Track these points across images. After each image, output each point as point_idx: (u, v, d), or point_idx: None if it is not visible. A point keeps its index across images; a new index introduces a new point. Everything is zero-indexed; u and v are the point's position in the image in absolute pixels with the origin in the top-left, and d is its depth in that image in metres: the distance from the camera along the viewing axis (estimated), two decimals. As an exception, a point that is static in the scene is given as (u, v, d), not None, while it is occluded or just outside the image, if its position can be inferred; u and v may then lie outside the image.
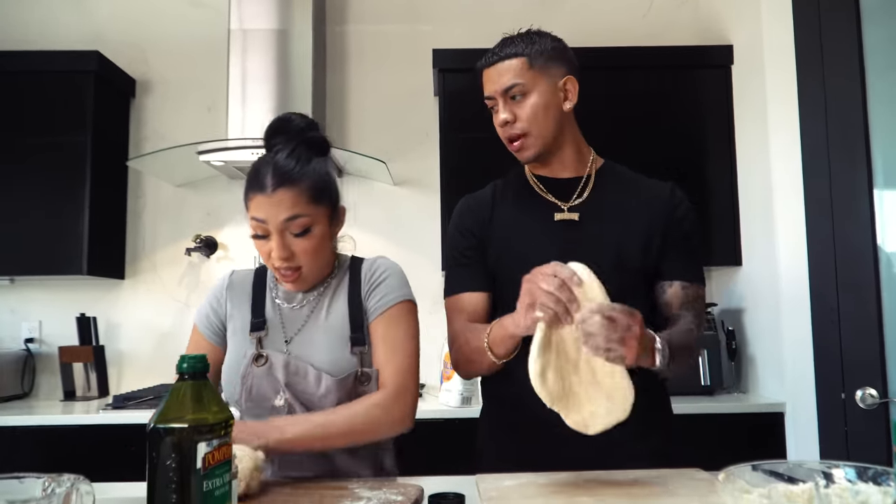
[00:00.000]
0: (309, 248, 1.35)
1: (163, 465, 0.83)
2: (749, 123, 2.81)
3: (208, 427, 0.85)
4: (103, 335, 3.11)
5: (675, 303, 1.47)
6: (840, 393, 2.10)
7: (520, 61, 1.43)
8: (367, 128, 3.26)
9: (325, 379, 1.36)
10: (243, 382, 1.39)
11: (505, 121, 1.44)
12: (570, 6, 3.28)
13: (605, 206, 1.49)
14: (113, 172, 3.11)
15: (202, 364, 0.88)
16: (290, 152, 1.36)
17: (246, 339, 1.43)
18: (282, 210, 1.31)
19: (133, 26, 3.28)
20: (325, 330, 1.42)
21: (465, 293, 1.51)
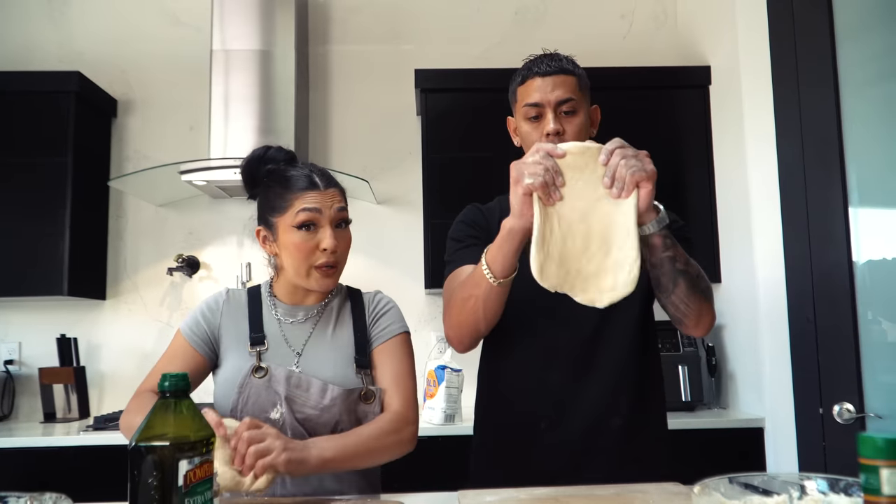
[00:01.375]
0: (345, 245, 1.46)
1: (144, 483, 0.83)
2: (727, 143, 2.87)
3: (190, 445, 0.85)
4: (84, 356, 3.08)
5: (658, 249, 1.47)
6: (818, 408, 2.12)
7: (573, 79, 1.49)
8: (349, 147, 3.28)
9: (332, 389, 1.39)
10: (240, 392, 1.40)
11: (556, 131, 1.45)
12: (551, 28, 3.33)
13: None
14: (94, 192, 3.10)
15: (184, 382, 0.88)
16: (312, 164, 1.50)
17: (244, 354, 1.45)
18: (334, 202, 1.43)
19: (114, 46, 3.29)
20: (331, 346, 1.47)
21: (467, 265, 1.49)
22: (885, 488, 0.60)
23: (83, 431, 2.58)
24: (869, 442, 0.61)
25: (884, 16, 2.08)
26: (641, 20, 3.39)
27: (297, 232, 1.40)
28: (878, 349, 2.01)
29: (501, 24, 3.33)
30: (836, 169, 2.10)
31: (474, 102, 2.94)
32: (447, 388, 2.58)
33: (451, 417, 2.59)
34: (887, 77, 2.06)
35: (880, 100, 2.09)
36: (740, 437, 2.58)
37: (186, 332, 1.48)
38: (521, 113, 1.51)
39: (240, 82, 2.96)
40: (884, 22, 2.07)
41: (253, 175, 1.50)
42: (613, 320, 1.48)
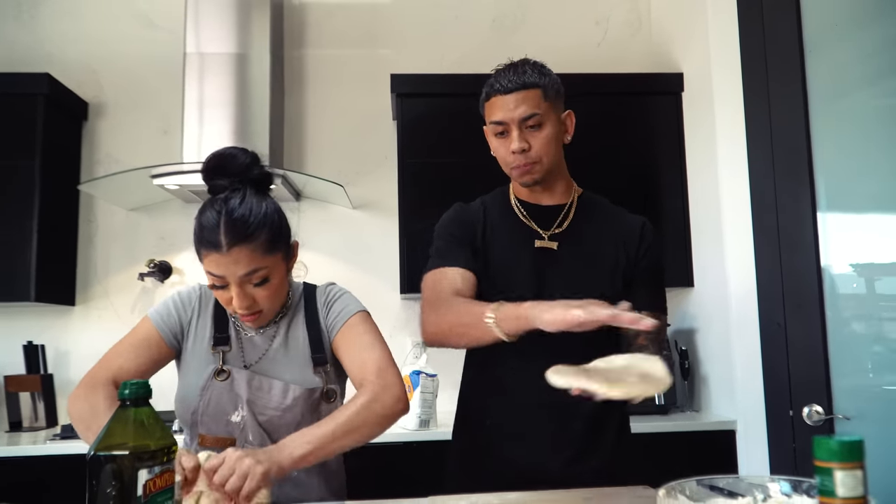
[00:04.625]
0: (269, 295, 1.36)
1: (103, 493, 0.82)
2: (699, 149, 2.90)
3: (150, 454, 0.84)
4: (52, 363, 3.02)
5: (642, 335, 1.51)
6: (788, 410, 2.14)
7: (536, 92, 1.47)
8: (325, 152, 3.27)
9: (293, 389, 1.39)
10: (202, 395, 1.38)
11: (521, 149, 1.45)
12: (526, 34, 3.35)
13: (582, 238, 1.55)
14: (64, 196, 3.05)
15: (144, 390, 0.87)
16: (240, 201, 1.33)
17: (207, 355, 1.43)
18: (239, 267, 1.30)
19: (86, 48, 3.24)
20: (287, 354, 1.45)
21: (454, 267, 1.48)
22: (839, 490, 0.61)
23: (50, 440, 2.52)
24: (823, 444, 0.61)
25: (851, 26, 2.12)
26: (616, 27, 3.42)
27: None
28: (846, 352, 2.04)
29: (479, 31, 3.33)
30: (804, 175, 2.13)
31: (450, 108, 2.94)
32: (422, 393, 2.57)
33: (425, 423, 2.57)
34: (855, 86, 2.09)
35: (848, 108, 2.12)
36: (713, 439, 2.60)
37: (157, 320, 1.44)
38: (489, 128, 1.53)
39: (214, 86, 2.93)
40: (851, 32, 2.11)
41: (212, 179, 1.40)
42: (576, 344, 1.44)
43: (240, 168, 1.37)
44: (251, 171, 1.39)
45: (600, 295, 1.46)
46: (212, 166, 1.38)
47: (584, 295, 1.44)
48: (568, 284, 1.48)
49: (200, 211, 1.34)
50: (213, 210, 1.32)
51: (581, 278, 1.50)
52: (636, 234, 1.56)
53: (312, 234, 3.20)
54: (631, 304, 1.26)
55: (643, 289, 1.55)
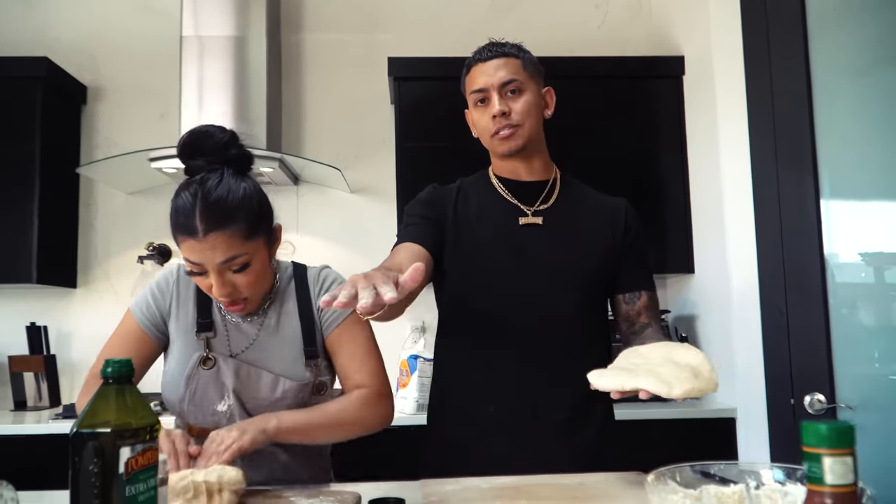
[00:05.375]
0: (250, 282, 1.30)
1: (85, 470, 0.82)
2: (700, 134, 2.87)
3: (132, 432, 0.83)
4: (55, 344, 3.04)
5: (644, 313, 1.54)
6: (790, 398, 2.13)
7: (516, 61, 1.49)
8: (323, 135, 3.25)
9: (283, 383, 1.36)
10: (188, 384, 1.36)
11: (501, 111, 1.46)
12: (525, 17, 3.31)
13: (569, 213, 1.54)
14: (63, 180, 3.05)
15: (127, 368, 0.86)
16: (217, 182, 1.26)
17: (192, 340, 1.39)
18: (217, 254, 1.24)
19: (83, 32, 3.23)
20: (277, 343, 1.40)
21: (406, 243, 1.45)
22: (827, 477, 0.59)
23: (53, 419, 2.55)
24: (811, 430, 0.59)
25: (855, 10, 2.09)
26: (616, 9, 3.37)
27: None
28: (849, 340, 2.03)
29: (476, 14, 3.30)
30: (807, 161, 2.11)
31: (448, 91, 2.88)
32: (420, 377, 2.57)
33: (423, 407, 2.57)
34: (859, 71, 2.07)
35: (852, 93, 2.09)
36: (712, 427, 2.59)
37: (137, 315, 1.42)
38: (470, 101, 1.53)
39: (212, 69, 2.91)
40: (855, 16, 2.08)
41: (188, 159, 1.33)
42: (561, 320, 1.48)
43: (216, 146, 1.30)
44: (229, 151, 1.32)
45: (581, 273, 1.49)
46: (187, 145, 1.31)
47: (569, 272, 1.48)
48: (551, 262, 1.48)
49: (176, 193, 1.27)
50: (189, 193, 1.25)
51: (566, 256, 1.49)
52: (621, 215, 1.56)
53: (311, 218, 3.20)
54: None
55: (633, 268, 1.56)
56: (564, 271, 1.48)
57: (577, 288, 1.49)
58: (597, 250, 1.51)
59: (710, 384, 1.08)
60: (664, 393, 1.05)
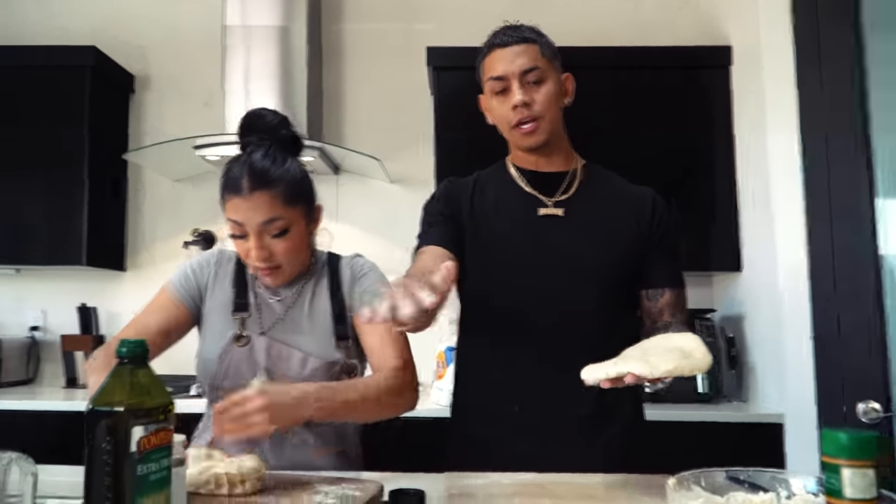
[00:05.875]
0: (287, 249, 1.36)
1: (98, 447, 0.82)
2: (748, 126, 2.77)
3: (145, 411, 0.84)
4: (104, 325, 3.15)
5: (667, 310, 1.48)
6: (841, 405, 2.04)
7: (535, 47, 1.43)
8: (363, 125, 3.26)
9: (312, 361, 1.39)
10: (220, 361, 1.39)
11: (523, 101, 1.40)
12: (567, 5, 3.24)
13: (591, 204, 1.47)
14: (112, 166, 3.15)
15: (142, 349, 0.87)
16: (265, 153, 1.36)
17: (227, 319, 1.43)
18: (259, 213, 1.31)
19: (131, 22, 3.31)
20: (308, 321, 1.44)
21: (429, 245, 1.44)
22: (846, 490, 0.53)
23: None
24: (831, 438, 0.54)
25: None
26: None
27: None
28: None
29: (517, 1, 3.24)
30: (861, 155, 2.02)
31: (488, 81, 2.88)
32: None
33: (458, 400, 2.55)
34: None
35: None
36: (759, 432, 2.50)
37: (175, 284, 1.46)
38: (487, 88, 1.47)
39: (256, 58, 2.94)
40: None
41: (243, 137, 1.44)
42: (583, 314, 1.43)
43: (268, 126, 1.41)
44: (278, 131, 1.41)
45: (605, 265, 1.43)
46: (243, 124, 1.42)
47: (591, 265, 1.42)
48: (572, 254, 1.42)
49: (227, 163, 1.38)
50: (238, 161, 1.36)
51: (587, 248, 1.43)
52: (648, 206, 1.49)
53: (350, 207, 3.21)
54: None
55: (659, 263, 1.48)
56: (586, 264, 1.42)
57: (598, 282, 1.43)
58: (621, 241, 1.45)
59: (702, 363, 1.07)
60: (647, 373, 1.04)
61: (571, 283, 1.42)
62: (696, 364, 1.06)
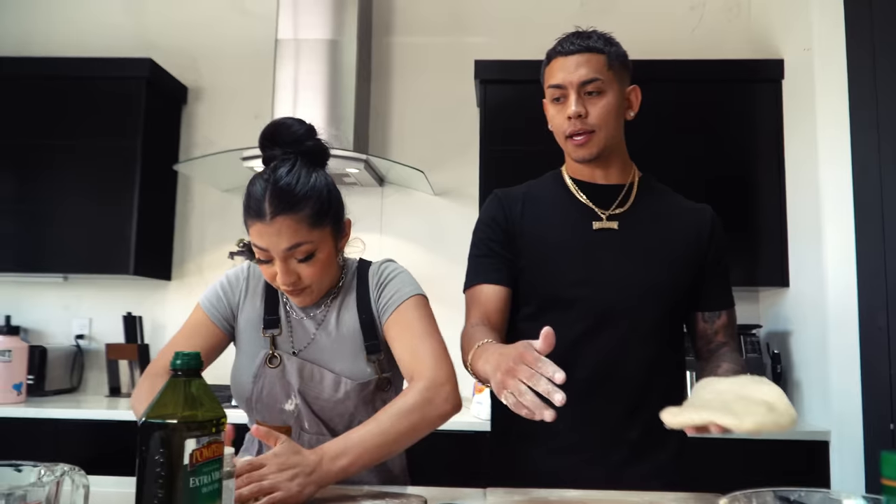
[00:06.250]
0: (315, 272, 1.30)
1: (151, 459, 0.84)
2: (799, 140, 2.72)
3: (198, 424, 0.85)
4: (148, 334, 3.19)
5: (722, 332, 1.46)
6: (889, 423, 2.00)
7: (600, 58, 1.38)
8: (408, 137, 3.29)
9: (345, 383, 1.34)
10: (255, 382, 1.37)
11: (577, 113, 1.36)
12: (618, 20, 3.20)
13: (646, 219, 1.43)
14: (163, 176, 3.20)
15: (196, 361, 0.88)
16: (288, 170, 1.28)
17: (258, 337, 1.40)
18: (283, 239, 1.24)
19: (185, 34, 3.38)
20: (337, 341, 1.39)
21: (485, 285, 1.42)
22: (909, 514, 0.54)
23: (141, 406, 2.66)
24: (892, 461, 0.54)
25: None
26: (712, 12, 3.25)
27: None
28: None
29: (566, 15, 3.25)
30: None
31: (535, 94, 2.85)
32: (496, 382, 2.54)
33: (498, 412, 2.55)
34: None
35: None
36: (804, 449, 2.45)
37: (206, 305, 1.42)
38: (547, 94, 1.44)
39: (306, 71, 2.98)
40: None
41: (266, 149, 1.35)
42: (636, 334, 1.39)
43: (293, 137, 1.32)
44: (304, 143, 1.33)
45: (658, 284, 1.39)
46: (266, 135, 1.33)
47: (644, 283, 1.38)
48: (627, 270, 1.38)
49: (251, 181, 1.31)
50: (262, 179, 1.28)
51: (643, 264, 1.39)
52: (707, 224, 1.45)
53: (394, 219, 3.23)
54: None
55: (716, 284, 1.46)
56: (640, 281, 1.38)
57: (652, 300, 1.38)
58: (677, 259, 1.41)
59: (786, 418, 1.01)
60: (734, 426, 0.99)
61: (623, 300, 1.38)
62: (781, 419, 1.01)
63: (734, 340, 1.46)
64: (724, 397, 1.09)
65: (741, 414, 1.00)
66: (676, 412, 1.07)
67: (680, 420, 1.05)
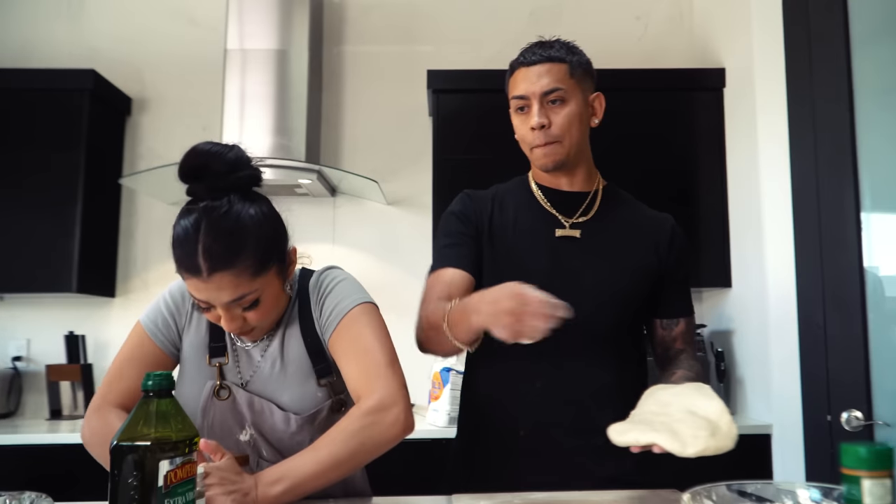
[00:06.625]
0: (261, 315, 1.20)
1: (125, 482, 0.83)
2: (740, 146, 2.83)
3: (171, 445, 0.85)
4: (92, 354, 3.08)
5: (680, 339, 1.51)
6: (826, 415, 2.09)
7: (562, 67, 1.40)
8: (360, 147, 3.28)
9: (294, 419, 1.26)
10: (204, 415, 1.28)
11: (540, 124, 1.38)
12: (566, 30, 3.24)
13: (609, 227, 1.46)
14: (106, 190, 3.11)
15: (167, 381, 0.88)
16: (224, 213, 1.13)
17: (203, 364, 1.30)
18: (224, 294, 1.13)
19: (129, 45, 3.30)
20: (284, 369, 1.30)
21: (450, 268, 1.41)
22: (866, 499, 0.58)
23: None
24: (851, 452, 0.59)
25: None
26: (657, 22, 3.36)
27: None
28: (888, 356, 1.98)
29: (516, 25, 3.31)
30: (848, 174, 2.07)
31: (487, 104, 2.91)
32: (452, 390, 2.57)
33: (455, 420, 2.56)
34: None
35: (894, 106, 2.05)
36: (747, 443, 2.51)
37: (150, 327, 1.30)
38: (512, 105, 1.46)
39: (255, 81, 2.95)
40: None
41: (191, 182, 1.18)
42: (596, 340, 1.41)
43: (222, 170, 1.16)
44: (235, 173, 1.17)
45: (618, 291, 1.42)
46: (190, 167, 1.16)
47: (604, 291, 1.40)
48: (587, 278, 1.41)
49: (177, 220, 1.16)
50: (190, 223, 1.13)
51: (603, 272, 1.42)
52: (667, 234, 1.48)
53: (347, 229, 3.23)
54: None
55: (675, 292, 1.50)
56: (599, 289, 1.40)
57: (612, 307, 1.41)
58: (636, 268, 1.44)
59: (728, 441, 1.08)
60: (677, 451, 1.05)
61: (583, 307, 1.37)
62: (722, 444, 1.08)
63: (692, 347, 1.51)
64: (669, 411, 1.13)
65: (685, 438, 1.06)
66: (623, 430, 1.11)
67: (625, 439, 1.10)
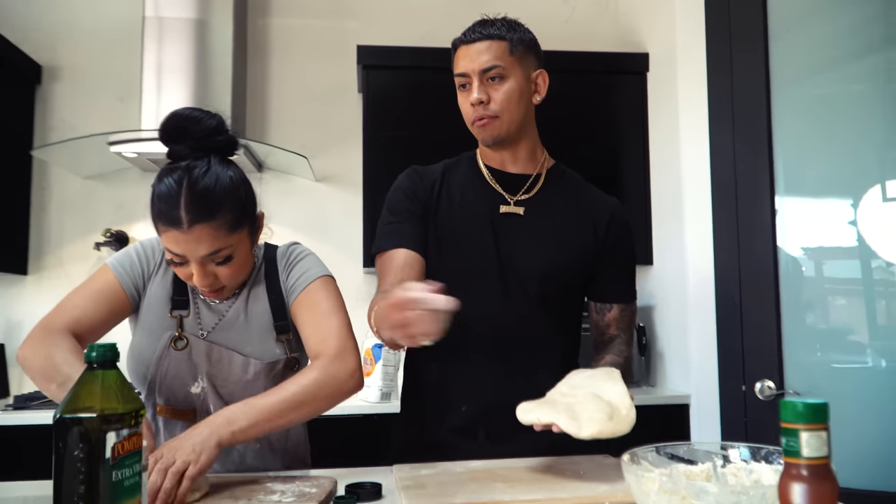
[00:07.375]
0: (232, 272, 1.27)
1: (70, 455, 0.80)
2: (662, 129, 2.94)
3: (118, 417, 0.82)
4: (4, 333, 2.95)
5: (614, 325, 1.53)
6: (741, 385, 2.20)
7: (501, 44, 1.42)
8: (288, 123, 3.22)
9: (254, 364, 1.33)
10: (159, 364, 1.32)
11: (479, 100, 1.40)
12: (494, 9, 3.24)
13: (551, 206, 1.49)
14: (15, 163, 2.95)
15: (112, 353, 0.85)
16: (204, 171, 1.21)
17: (164, 316, 1.35)
18: (202, 247, 1.20)
19: (41, 10, 3.12)
20: (246, 323, 1.37)
21: (402, 249, 1.42)
22: (804, 451, 0.63)
23: (2, 411, 2.47)
24: (790, 407, 0.64)
25: (816, 12, 2.16)
26: (584, 5, 3.43)
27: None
28: (798, 331, 2.11)
29: (447, 3, 3.31)
30: (764, 159, 2.18)
31: (417, 81, 2.93)
32: (384, 366, 2.58)
33: (387, 395, 2.59)
34: (817, 71, 2.14)
35: (809, 93, 2.17)
36: (667, 413, 2.68)
37: (118, 269, 1.34)
38: (456, 83, 1.47)
39: (174, 52, 2.85)
40: (816, 18, 2.16)
41: (172, 143, 1.26)
42: (534, 315, 1.45)
43: (203, 133, 1.24)
44: (216, 137, 1.26)
45: (551, 270, 1.45)
46: (171, 127, 1.24)
47: (539, 266, 1.43)
48: (531, 253, 1.44)
49: (158, 178, 1.22)
50: (173, 180, 1.20)
51: (546, 248, 1.45)
52: (605, 218, 1.51)
53: (274, 206, 3.16)
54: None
55: (611, 277, 1.53)
56: (533, 266, 1.44)
57: (549, 283, 1.44)
58: (574, 247, 1.47)
59: (625, 424, 1.15)
60: (573, 433, 1.11)
61: (518, 283, 1.43)
62: (619, 428, 1.14)
63: (626, 333, 1.53)
64: (576, 393, 1.20)
65: (583, 420, 1.12)
66: (528, 409, 1.18)
67: (528, 418, 1.16)
